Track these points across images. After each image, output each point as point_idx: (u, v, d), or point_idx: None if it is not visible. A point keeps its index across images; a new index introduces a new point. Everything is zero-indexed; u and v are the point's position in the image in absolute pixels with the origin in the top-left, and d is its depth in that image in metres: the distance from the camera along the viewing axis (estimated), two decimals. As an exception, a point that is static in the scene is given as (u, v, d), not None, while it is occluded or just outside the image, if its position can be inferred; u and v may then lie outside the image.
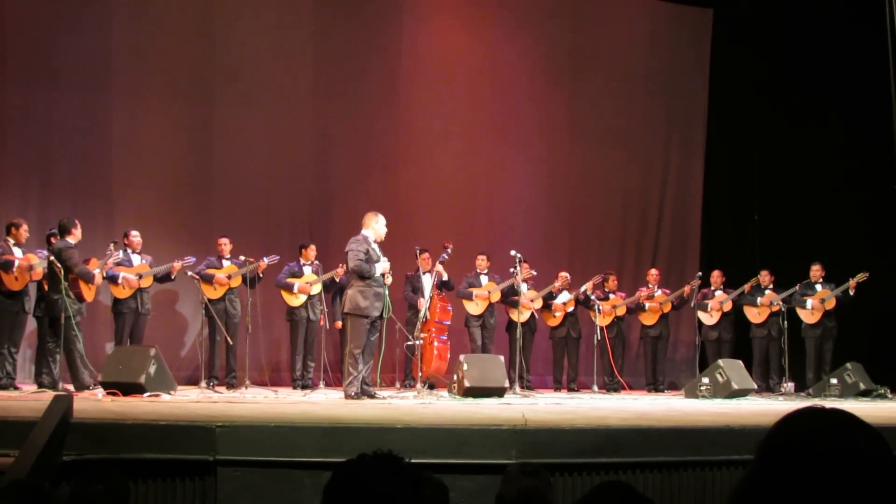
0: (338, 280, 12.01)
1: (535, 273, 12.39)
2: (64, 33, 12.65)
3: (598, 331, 12.80)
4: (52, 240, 10.47)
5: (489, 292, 12.57)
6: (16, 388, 9.88)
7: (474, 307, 12.62)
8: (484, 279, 12.71)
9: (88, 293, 10.14)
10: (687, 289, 13.30)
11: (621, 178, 15.21)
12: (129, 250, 11.32)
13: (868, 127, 14.04)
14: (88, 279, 9.95)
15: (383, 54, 14.21)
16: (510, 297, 12.54)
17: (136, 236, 11.38)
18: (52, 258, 9.82)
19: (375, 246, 9.51)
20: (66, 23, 12.68)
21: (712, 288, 13.42)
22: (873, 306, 12.64)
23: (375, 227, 9.57)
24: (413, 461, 5.64)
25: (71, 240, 9.97)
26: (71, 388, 9.49)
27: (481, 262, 12.77)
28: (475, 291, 12.56)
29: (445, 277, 12.04)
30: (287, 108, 13.66)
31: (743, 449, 6.22)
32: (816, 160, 14.21)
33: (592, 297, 13.00)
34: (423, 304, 11.48)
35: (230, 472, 5.61)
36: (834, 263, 12.93)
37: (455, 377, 10.26)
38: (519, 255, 11.46)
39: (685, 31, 15.57)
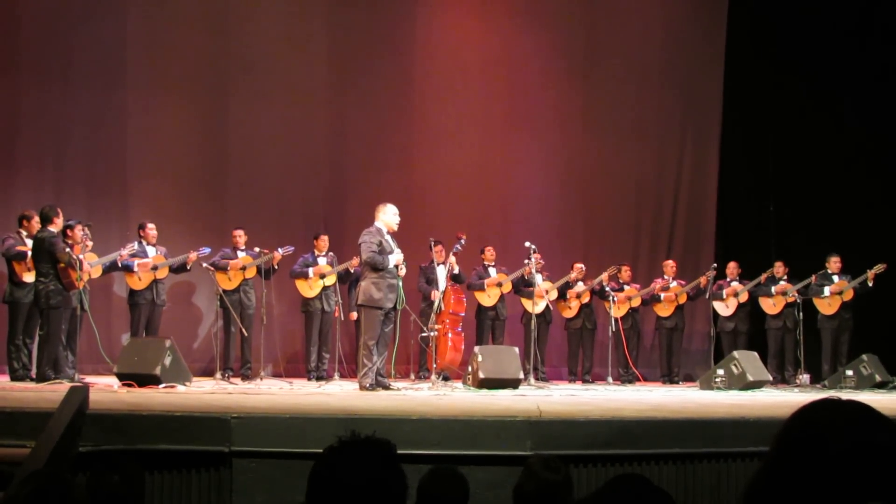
0: (352, 271, 12.01)
1: (543, 262, 12.34)
2: (78, 27, 12.68)
3: (613, 322, 12.79)
4: (25, 223, 10.45)
5: (500, 283, 12.58)
6: (31, 379, 9.87)
7: (486, 299, 12.62)
8: (492, 271, 12.72)
9: (78, 282, 9.90)
10: (703, 280, 13.26)
11: (636, 168, 15.17)
12: (145, 242, 11.38)
13: (886, 117, 13.97)
14: (76, 266, 9.83)
15: (397, 46, 14.21)
16: (525, 289, 12.54)
17: (152, 229, 11.45)
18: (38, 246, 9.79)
19: (389, 237, 9.51)
20: (80, 16, 12.71)
21: (728, 279, 13.38)
22: (890, 297, 12.58)
23: (385, 217, 9.56)
24: (427, 452, 5.64)
25: (53, 228, 9.85)
26: (87, 379, 9.52)
27: (489, 254, 12.78)
28: (487, 282, 12.57)
29: (457, 270, 12.04)
30: (301, 100, 13.67)
31: (758, 441, 6.20)
32: (833, 150, 14.13)
33: (607, 289, 12.99)
34: (438, 295, 11.48)
35: (245, 463, 5.63)
36: (850, 255, 12.87)
37: (470, 369, 10.27)
38: (533, 246, 11.44)
39: (700, 20, 15.49)
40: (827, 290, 12.74)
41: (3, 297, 10.52)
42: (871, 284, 12.51)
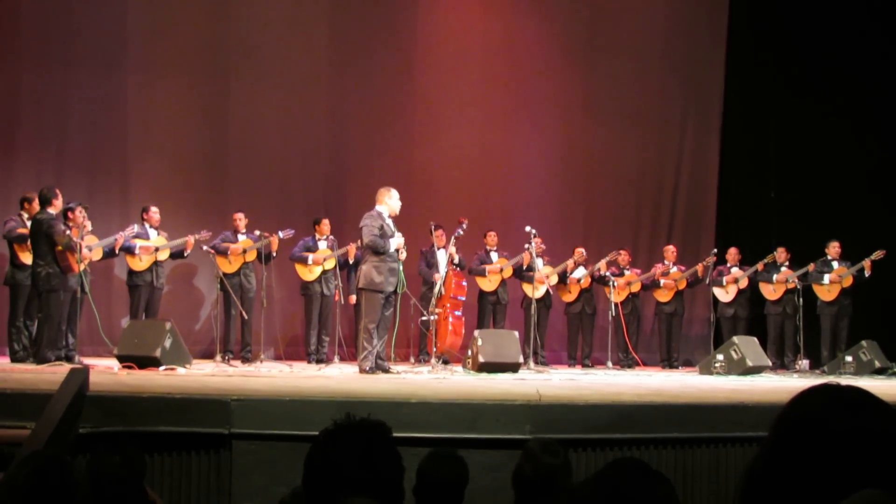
0: (350, 262, 12.01)
1: (544, 247, 12.34)
2: (79, 10, 12.66)
3: (613, 307, 12.78)
4: (26, 205, 10.44)
5: (502, 268, 12.58)
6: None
7: (487, 283, 12.63)
8: (494, 256, 12.72)
9: (76, 264, 9.77)
10: (699, 267, 13.26)
11: (637, 154, 15.12)
12: (147, 224, 11.39)
13: (887, 103, 13.94)
14: (75, 249, 9.71)
15: (399, 30, 14.16)
16: (526, 273, 12.53)
17: (155, 212, 11.47)
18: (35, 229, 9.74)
19: (390, 221, 9.50)
20: (81, 0, 12.68)
21: (728, 265, 13.37)
22: (889, 283, 12.58)
23: (389, 202, 9.56)
24: (427, 435, 5.66)
25: (52, 210, 9.80)
26: (87, 361, 9.52)
27: (491, 238, 12.77)
28: (488, 268, 12.58)
29: (457, 260, 12.03)
30: (302, 84, 13.64)
31: (757, 426, 6.22)
32: (834, 137, 14.10)
33: (607, 274, 12.98)
34: (438, 279, 11.48)
35: (245, 445, 5.65)
36: (851, 240, 12.87)
37: (470, 352, 10.29)
38: (533, 231, 11.43)
39: (702, 6, 15.44)
40: (827, 279, 12.73)
41: (4, 279, 10.54)
42: (867, 274, 12.51)
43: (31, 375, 7.60)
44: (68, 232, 9.67)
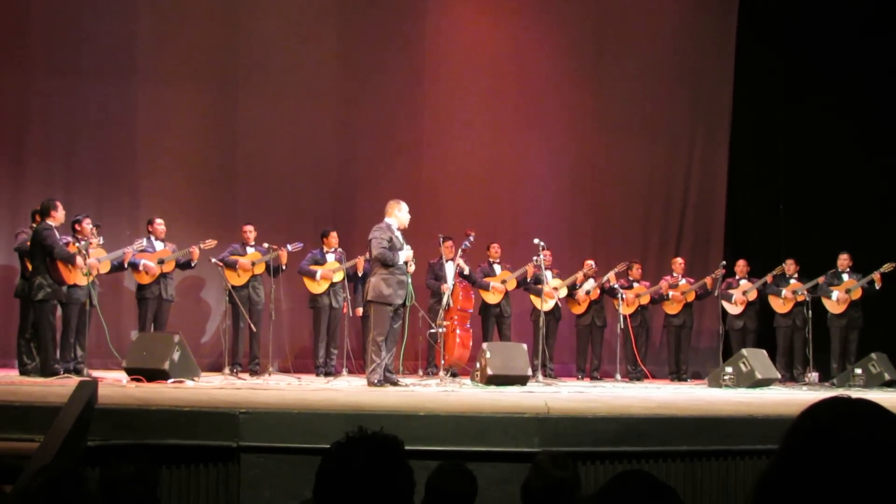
0: (360, 274, 12.01)
1: (550, 260, 12.32)
2: (88, 20, 12.70)
3: (622, 319, 12.76)
4: (38, 217, 10.48)
5: (505, 281, 12.56)
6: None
7: (491, 296, 12.60)
8: (497, 268, 12.69)
9: (69, 276, 9.77)
10: (708, 280, 13.23)
11: (646, 165, 15.12)
12: (153, 237, 11.37)
13: (896, 114, 13.94)
14: (69, 261, 9.69)
15: (407, 42, 14.19)
16: (534, 286, 12.52)
17: (160, 224, 11.42)
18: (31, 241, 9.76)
19: (399, 234, 9.50)
20: (90, 9, 12.74)
21: (737, 277, 13.34)
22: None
23: (398, 214, 9.56)
24: (435, 448, 5.64)
25: (51, 222, 9.80)
26: (96, 373, 9.52)
27: (494, 251, 12.75)
28: (490, 280, 12.55)
29: (467, 271, 12.02)
30: (311, 95, 13.66)
31: (766, 438, 6.20)
32: (843, 147, 14.08)
33: (616, 286, 12.95)
34: (447, 288, 11.47)
35: (253, 458, 5.64)
36: (861, 252, 12.83)
37: (478, 365, 10.27)
38: (542, 243, 11.42)
39: (711, 17, 15.45)
40: (835, 295, 12.68)
41: (14, 291, 10.57)
42: (878, 286, 12.47)
43: (40, 388, 7.60)
44: (77, 245, 9.68)
